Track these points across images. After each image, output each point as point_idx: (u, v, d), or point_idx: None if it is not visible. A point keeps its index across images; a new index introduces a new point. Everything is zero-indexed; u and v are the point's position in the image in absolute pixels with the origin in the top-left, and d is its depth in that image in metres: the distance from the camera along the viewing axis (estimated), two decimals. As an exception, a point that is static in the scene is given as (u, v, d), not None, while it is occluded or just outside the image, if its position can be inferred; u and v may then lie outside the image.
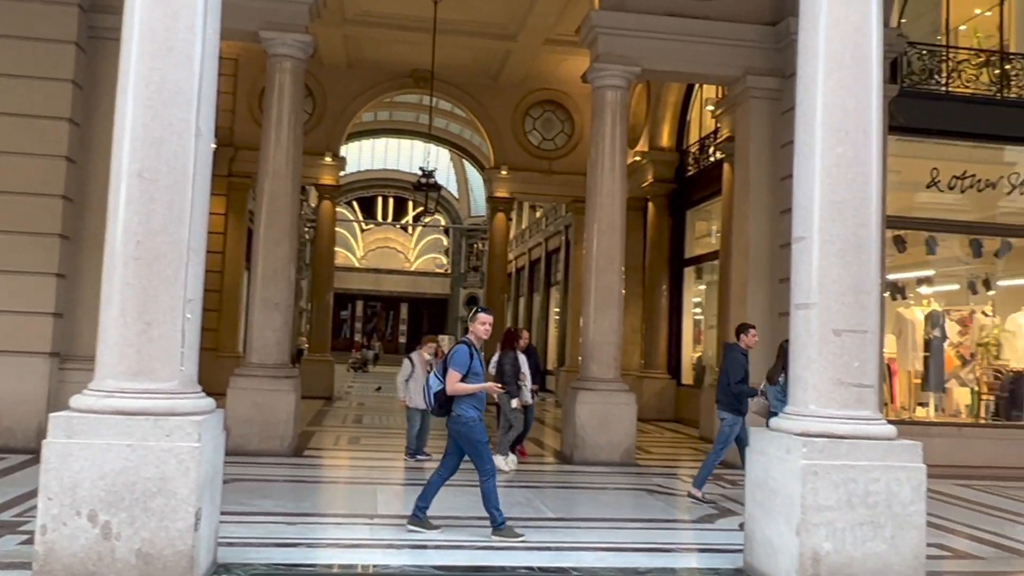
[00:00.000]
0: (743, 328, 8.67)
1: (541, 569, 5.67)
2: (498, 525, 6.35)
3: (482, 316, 6.65)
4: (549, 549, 6.18)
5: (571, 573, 5.59)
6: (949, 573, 6.12)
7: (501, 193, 20.30)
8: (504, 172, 19.85)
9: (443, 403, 6.50)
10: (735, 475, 8.89)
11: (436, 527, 6.47)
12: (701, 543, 7.03)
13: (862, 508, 5.05)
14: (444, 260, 47.42)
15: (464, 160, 30.07)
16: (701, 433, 14.16)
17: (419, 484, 6.87)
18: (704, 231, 17.43)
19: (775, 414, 7.39)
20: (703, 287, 17.68)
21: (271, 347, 10.48)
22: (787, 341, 9.15)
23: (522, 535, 6.32)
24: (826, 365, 5.25)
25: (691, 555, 6.65)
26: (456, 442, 6.53)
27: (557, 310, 26.63)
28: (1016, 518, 7.56)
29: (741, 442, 8.09)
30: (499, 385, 7.35)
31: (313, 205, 23.05)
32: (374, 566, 5.76)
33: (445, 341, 12.06)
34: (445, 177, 37.31)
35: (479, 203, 38.20)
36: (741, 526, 5.96)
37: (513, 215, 25.42)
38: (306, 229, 26.73)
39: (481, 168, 23.59)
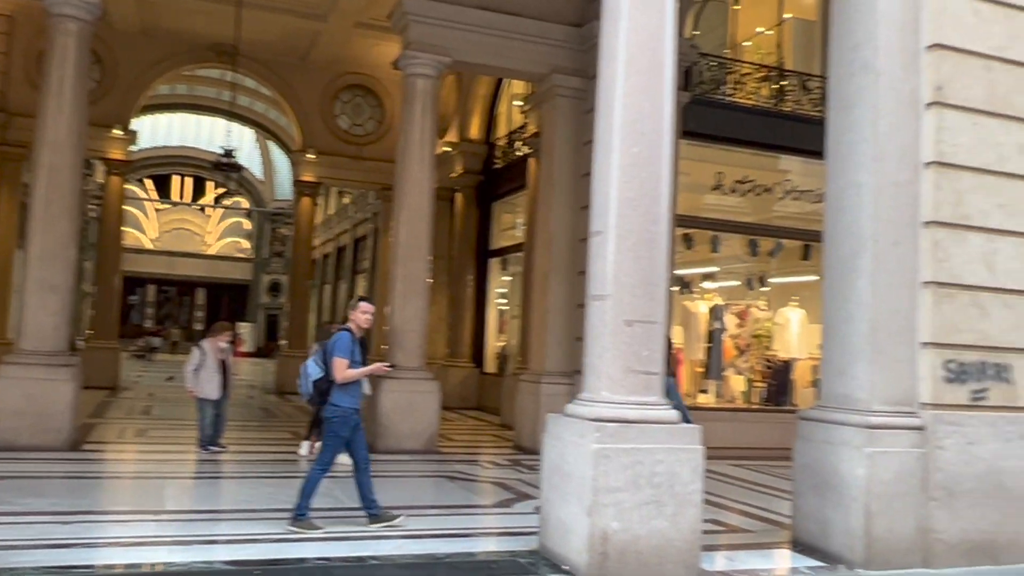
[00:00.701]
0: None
1: (339, 559, 5.60)
2: (297, 517, 6.21)
3: (364, 305, 6.57)
4: (347, 539, 6.11)
5: (369, 562, 5.56)
6: (722, 546, 6.63)
7: (308, 177, 19.74)
8: (311, 155, 19.32)
9: (324, 392, 6.39)
10: (533, 460, 9.18)
11: (394, 516, 6.49)
12: (499, 527, 7.22)
13: (648, 488, 5.37)
14: (246, 244, 45.52)
15: (269, 141, 28.99)
16: (502, 420, 14.51)
17: (211, 477, 6.56)
18: (510, 223, 17.82)
19: None
20: (508, 278, 18.08)
21: (47, 332, 9.64)
22: (666, 338, 9.93)
23: (321, 527, 6.21)
24: (618, 354, 5.53)
25: (489, 539, 6.81)
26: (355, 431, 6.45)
27: (363, 298, 26.25)
28: (781, 494, 8.32)
29: None
30: (387, 365, 7.23)
31: (100, 181, 21.39)
32: (160, 564, 5.46)
33: (245, 329, 11.60)
34: (248, 158, 35.77)
35: (284, 186, 36.94)
36: (537, 509, 6.17)
37: (320, 200, 24.80)
38: (91, 206, 24.76)
39: (287, 150, 22.83)
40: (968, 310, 6.35)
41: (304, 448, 9.82)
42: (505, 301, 18.26)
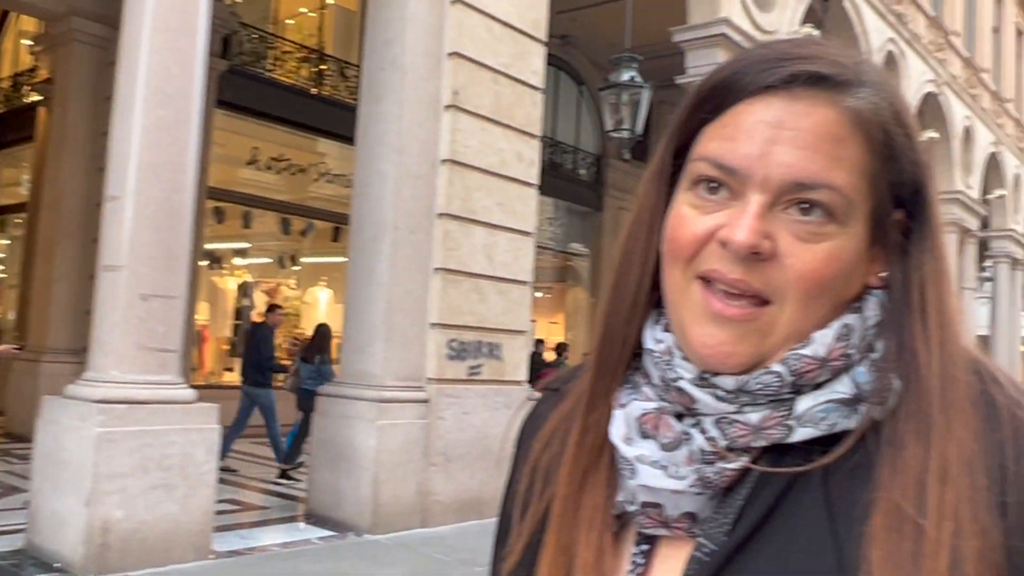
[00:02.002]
0: (271, 308, 9.37)
1: None
2: None
3: None
4: None
5: None
6: (237, 525, 6.57)
7: None
8: None
9: None
10: (27, 449, 8.12)
11: None
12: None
13: (158, 472, 5.10)
14: None
15: None
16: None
17: None
18: (12, 179, 15.49)
19: (308, 391, 8.06)
20: (6, 241, 15.72)
21: None
22: (325, 325, 9.42)
23: None
24: (131, 330, 5.15)
25: (-38, 542, 5.87)
26: None
27: None
28: (306, 470, 8.51)
29: (245, 413, 8.64)
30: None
31: None
32: None
33: None
34: None
35: None
36: (27, 504, 5.48)
37: None
38: None
39: None
40: (470, 295, 7.14)
41: None
42: (2, 268, 15.85)
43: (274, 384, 8.83)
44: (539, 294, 13.97)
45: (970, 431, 0.60)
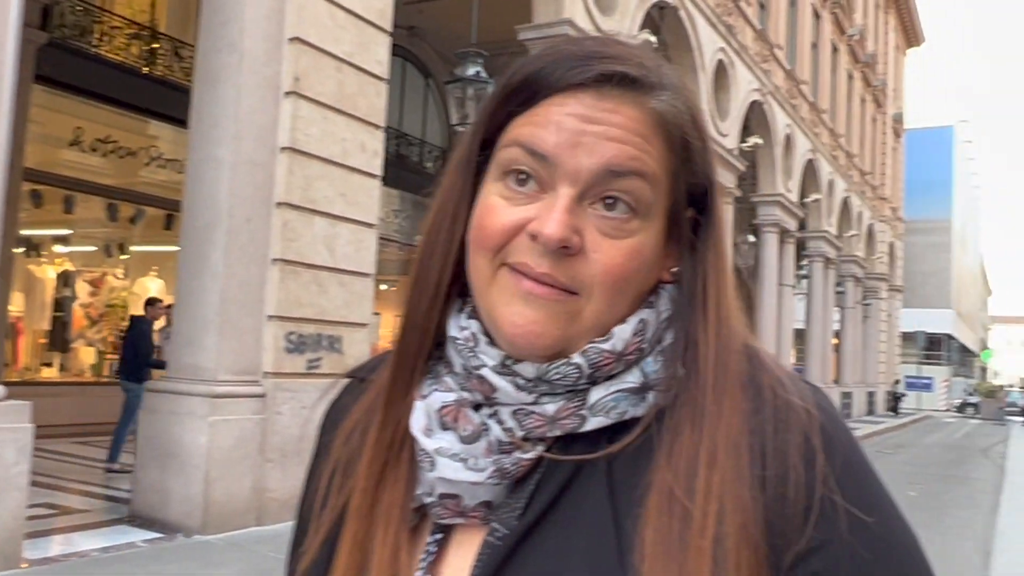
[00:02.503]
0: (151, 301, 8.97)
1: None
2: None
3: None
4: None
5: None
6: (54, 530, 6.16)
7: None
8: None
9: None
10: None
11: None
12: None
13: (-41, 475, 4.70)
14: None
15: None
16: None
17: None
18: None
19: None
20: None
21: None
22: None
23: None
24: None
25: None
26: None
27: None
28: (129, 470, 8.05)
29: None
30: None
31: None
32: None
33: None
34: None
35: None
36: None
37: None
38: None
39: None
40: (310, 287, 6.99)
41: None
42: None
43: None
44: (384, 287, 13.83)
45: (738, 414, 0.64)
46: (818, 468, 0.62)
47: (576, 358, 0.66)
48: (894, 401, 32.92)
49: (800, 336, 24.56)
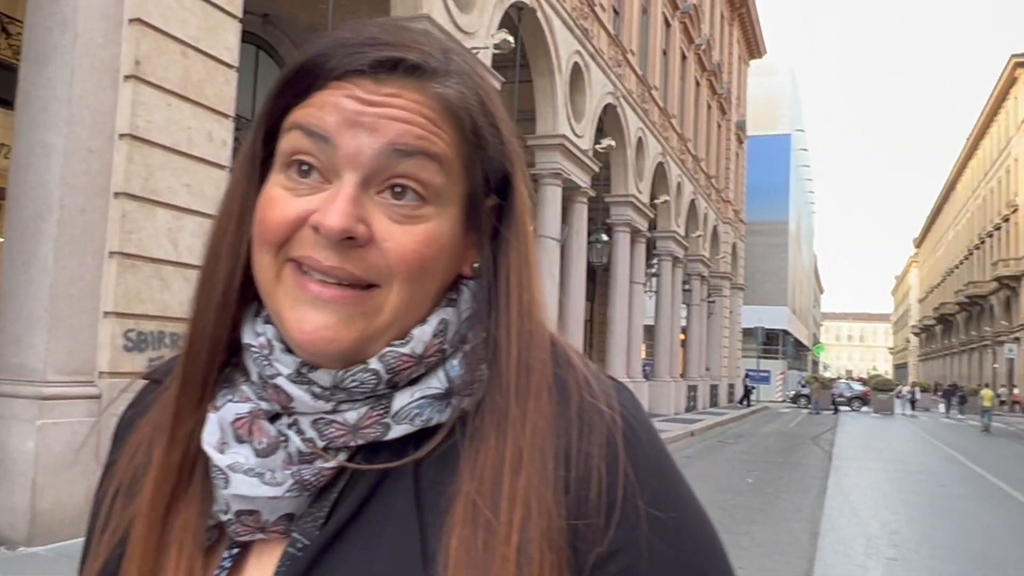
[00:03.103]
0: None
1: None
2: None
3: None
4: None
5: None
6: None
7: None
8: None
9: None
10: None
11: None
12: None
13: None
14: None
15: None
16: None
17: None
18: None
19: None
20: None
21: None
22: None
23: None
24: None
25: None
26: None
27: None
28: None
29: None
30: None
31: None
32: None
33: None
34: None
35: None
36: None
37: None
38: None
39: None
40: (152, 282, 6.64)
41: None
42: None
43: None
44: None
45: (543, 417, 0.63)
46: (620, 470, 0.62)
47: (373, 363, 0.63)
48: (746, 394, 34.91)
49: (650, 332, 25.53)
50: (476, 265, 0.69)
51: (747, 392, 35.08)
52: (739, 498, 10.41)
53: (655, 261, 25.17)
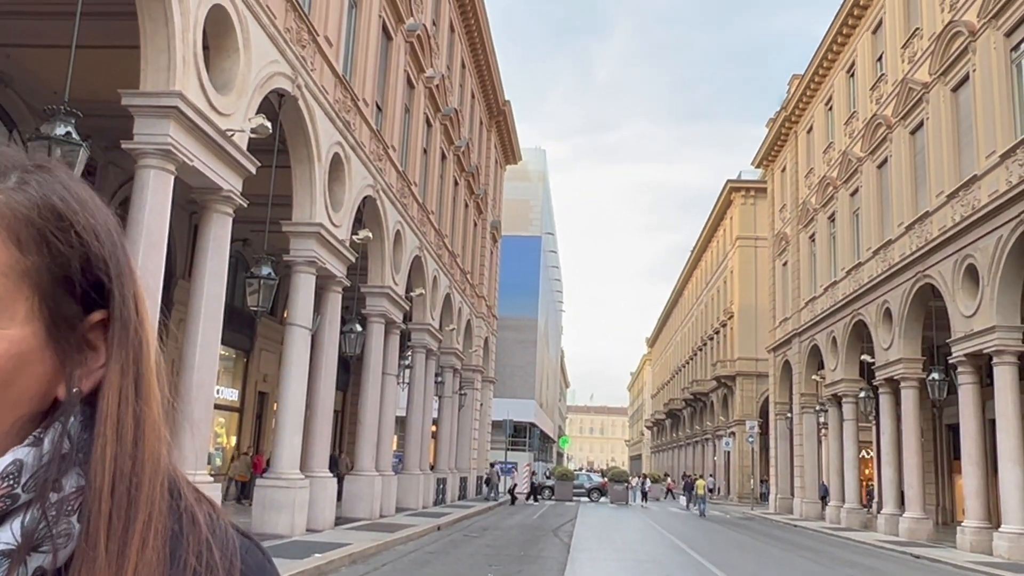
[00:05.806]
0: None
1: None
2: None
3: None
4: None
5: None
6: None
7: None
8: None
9: None
10: None
11: None
12: None
13: None
14: None
15: None
16: None
17: None
18: None
19: None
20: None
21: None
22: None
23: None
24: None
25: None
26: None
27: None
28: None
29: None
30: None
31: None
32: None
33: None
34: None
35: None
36: None
37: None
38: None
39: None
40: None
41: None
42: None
43: None
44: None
45: None
46: None
47: None
48: (511, 492, 36.31)
49: (401, 423, 25.40)
50: (75, 390, 0.61)
51: (512, 490, 36.59)
52: (480, 594, 10.46)
53: (409, 353, 25.30)
